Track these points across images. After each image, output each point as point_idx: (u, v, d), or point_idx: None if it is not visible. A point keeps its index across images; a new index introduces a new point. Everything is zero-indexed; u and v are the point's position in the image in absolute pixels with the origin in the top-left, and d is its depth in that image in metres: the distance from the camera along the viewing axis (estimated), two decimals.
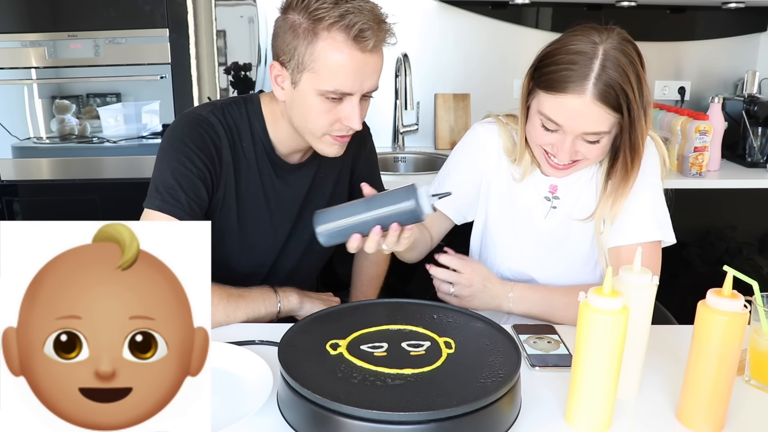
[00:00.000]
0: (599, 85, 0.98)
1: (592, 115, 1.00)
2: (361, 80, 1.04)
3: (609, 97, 0.98)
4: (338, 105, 1.04)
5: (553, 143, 1.06)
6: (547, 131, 1.05)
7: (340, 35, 0.99)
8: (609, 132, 1.03)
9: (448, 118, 2.45)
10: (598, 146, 1.05)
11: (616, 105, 0.99)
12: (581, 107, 0.99)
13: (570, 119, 1.01)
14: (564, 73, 1.00)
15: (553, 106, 1.02)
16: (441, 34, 2.42)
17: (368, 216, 0.95)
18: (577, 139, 1.04)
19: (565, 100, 1.00)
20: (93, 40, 1.89)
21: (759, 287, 0.84)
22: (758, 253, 2.17)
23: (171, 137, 1.12)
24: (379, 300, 1.00)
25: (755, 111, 2.21)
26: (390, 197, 0.95)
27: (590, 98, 0.98)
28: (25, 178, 2.01)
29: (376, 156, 1.38)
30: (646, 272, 0.84)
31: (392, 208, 0.94)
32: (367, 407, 0.71)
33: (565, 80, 1.00)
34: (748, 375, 0.92)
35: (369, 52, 1.03)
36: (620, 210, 1.10)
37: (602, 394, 0.78)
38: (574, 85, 0.99)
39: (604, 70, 0.98)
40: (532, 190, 1.20)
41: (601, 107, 0.99)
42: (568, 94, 1.00)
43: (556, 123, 1.03)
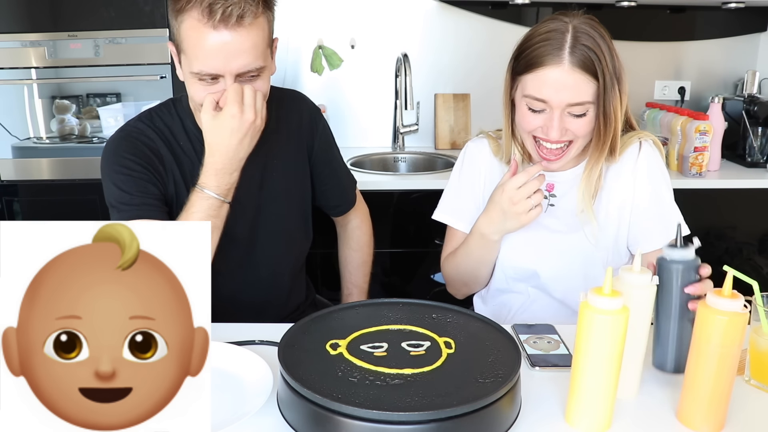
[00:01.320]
0: (575, 53, 1.04)
1: (573, 83, 1.04)
2: (225, 59, 1.00)
3: (586, 63, 1.04)
4: (215, 86, 1.03)
5: (542, 125, 1.09)
6: (534, 113, 1.09)
7: (195, 12, 0.98)
8: (592, 102, 1.06)
9: (448, 118, 2.45)
10: (585, 120, 1.08)
11: (592, 70, 1.04)
12: (562, 77, 1.04)
13: (553, 92, 1.05)
14: (540, 50, 1.06)
15: (535, 84, 1.07)
16: (441, 34, 2.42)
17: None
18: (564, 115, 1.07)
19: (545, 73, 1.05)
20: (93, 40, 1.89)
21: (759, 287, 0.84)
22: (758, 253, 2.17)
23: (105, 155, 1.14)
24: (379, 300, 1.00)
25: (755, 111, 2.21)
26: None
27: (568, 66, 1.04)
28: (25, 178, 2.01)
29: (330, 136, 1.36)
30: (646, 272, 0.84)
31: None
32: (367, 407, 0.71)
33: (542, 56, 1.05)
34: (748, 375, 0.92)
35: (227, 29, 0.98)
36: (602, 194, 1.14)
37: (602, 394, 0.78)
38: (551, 57, 1.04)
39: (577, 40, 1.04)
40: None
41: (581, 73, 1.04)
42: (547, 67, 1.05)
43: (541, 100, 1.06)
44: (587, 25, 1.06)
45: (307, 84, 2.43)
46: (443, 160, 2.32)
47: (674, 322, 0.88)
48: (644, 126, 2.34)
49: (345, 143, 2.48)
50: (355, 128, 2.49)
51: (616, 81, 1.07)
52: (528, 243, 1.21)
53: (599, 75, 1.04)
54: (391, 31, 2.40)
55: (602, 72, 1.04)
